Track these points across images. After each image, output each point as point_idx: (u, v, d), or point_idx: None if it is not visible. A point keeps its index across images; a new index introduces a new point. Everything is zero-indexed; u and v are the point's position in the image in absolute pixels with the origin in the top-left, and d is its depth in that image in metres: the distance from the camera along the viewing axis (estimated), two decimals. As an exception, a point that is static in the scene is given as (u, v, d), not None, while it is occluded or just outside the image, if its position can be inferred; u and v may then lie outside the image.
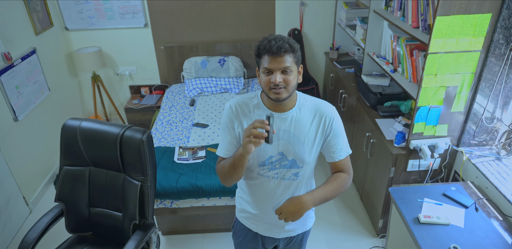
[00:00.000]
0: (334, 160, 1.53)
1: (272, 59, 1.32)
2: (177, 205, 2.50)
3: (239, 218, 1.71)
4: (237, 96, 1.54)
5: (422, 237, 1.78)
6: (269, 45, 1.31)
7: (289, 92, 1.37)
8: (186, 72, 3.82)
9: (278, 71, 1.33)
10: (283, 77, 1.34)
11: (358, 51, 3.67)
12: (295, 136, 1.45)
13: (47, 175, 3.33)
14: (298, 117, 1.45)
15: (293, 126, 1.44)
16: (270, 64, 1.32)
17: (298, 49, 1.36)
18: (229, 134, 1.49)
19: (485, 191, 2.11)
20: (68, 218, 2.04)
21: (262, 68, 1.36)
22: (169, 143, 2.91)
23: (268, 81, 1.35)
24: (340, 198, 3.08)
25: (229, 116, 1.48)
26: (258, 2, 3.72)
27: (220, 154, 1.51)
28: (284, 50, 1.31)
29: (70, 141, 1.94)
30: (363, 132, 2.80)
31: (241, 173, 1.42)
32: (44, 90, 3.31)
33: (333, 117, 1.47)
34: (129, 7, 3.68)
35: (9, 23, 2.93)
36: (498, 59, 1.97)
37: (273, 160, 1.47)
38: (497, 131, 2.23)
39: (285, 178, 1.51)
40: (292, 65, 1.34)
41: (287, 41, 1.33)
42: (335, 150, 1.51)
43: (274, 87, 1.34)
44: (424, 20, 2.17)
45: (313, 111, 1.47)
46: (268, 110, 1.45)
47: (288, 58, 1.33)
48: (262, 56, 1.35)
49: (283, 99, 1.37)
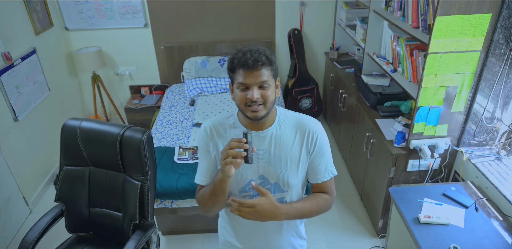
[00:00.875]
0: (316, 182, 1.38)
1: (248, 73, 1.20)
2: (177, 205, 2.50)
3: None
4: (212, 117, 1.41)
5: (422, 237, 1.78)
6: (244, 58, 1.19)
7: (267, 109, 1.24)
8: (186, 72, 3.82)
9: (254, 86, 1.21)
10: (261, 93, 1.21)
11: (358, 51, 3.67)
12: (276, 156, 1.31)
13: (47, 175, 3.33)
14: (279, 134, 1.32)
15: (273, 145, 1.31)
16: (246, 79, 1.20)
17: (275, 61, 1.26)
18: (206, 159, 1.37)
19: (485, 191, 2.11)
20: (68, 218, 2.04)
21: (236, 83, 1.23)
22: (169, 143, 2.91)
23: (243, 98, 1.22)
24: (340, 198, 3.08)
25: (204, 139, 1.36)
26: (258, 2, 3.72)
27: (198, 181, 1.39)
28: (261, 63, 1.19)
29: (70, 141, 1.94)
30: (363, 132, 2.80)
31: (224, 200, 1.30)
32: (44, 90, 3.31)
33: (318, 132, 1.34)
34: (129, 7, 3.68)
35: (9, 23, 2.93)
36: (498, 59, 1.97)
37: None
38: (497, 131, 2.23)
39: None
40: (269, 79, 1.22)
41: (263, 53, 1.21)
42: (319, 170, 1.36)
43: (251, 104, 1.22)
44: (424, 20, 2.17)
45: (295, 126, 1.34)
46: (245, 128, 1.32)
47: (265, 71, 1.21)
48: (237, 70, 1.22)
49: (261, 117, 1.24)
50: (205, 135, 1.37)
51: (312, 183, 1.41)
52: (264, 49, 1.24)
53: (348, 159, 3.36)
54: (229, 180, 1.23)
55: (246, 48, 1.23)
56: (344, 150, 3.49)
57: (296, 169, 1.34)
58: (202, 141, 1.37)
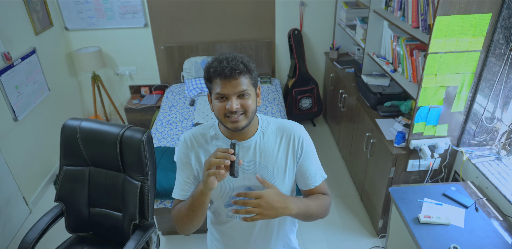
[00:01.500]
0: (309, 188, 1.32)
1: (225, 82, 1.13)
2: (177, 205, 2.50)
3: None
4: (190, 130, 1.35)
5: (422, 237, 1.78)
6: (221, 67, 1.13)
7: (248, 119, 1.19)
8: (186, 72, 3.82)
9: (233, 96, 1.14)
10: (241, 102, 1.16)
11: (358, 51, 3.67)
12: (262, 166, 1.26)
13: (47, 175, 3.33)
14: (262, 143, 1.26)
15: (258, 154, 1.26)
16: (224, 89, 1.14)
17: (254, 69, 1.19)
18: (185, 171, 1.29)
19: (485, 191, 2.11)
20: (68, 218, 2.04)
21: (214, 93, 1.17)
22: (169, 143, 2.91)
23: (222, 108, 1.16)
24: (340, 198, 3.08)
25: (183, 150, 1.30)
26: (258, 2, 3.71)
27: (176, 196, 1.30)
28: (238, 72, 1.13)
29: (70, 141, 1.94)
30: (363, 132, 2.80)
31: (202, 217, 1.21)
32: (44, 90, 3.31)
33: (302, 136, 1.29)
34: (129, 7, 3.68)
35: (9, 23, 2.93)
36: (498, 59, 1.97)
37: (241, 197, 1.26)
38: (497, 131, 2.23)
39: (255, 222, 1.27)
40: (249, 87, 1.16)
41: (241, 61, 1.15)
42: (309, 175, 1.31)
43: (230, 114, 1.16)
44: (424, 20, 2.17)
45: (279, 133, 1.29)
46: (228, 140, 1.25)
47: (243, 80, 1.14)
48: (214, 80, 1.16)
49: (242, 127, 1.18)
50: (185, 147, 1.30)
51: (304, 190, 1.35)
52: (242, 56, 1.18)
53: (348, 159, 3.36)
54: (210, 193, 1.15)
55: (222, 55, 1.17)
56: (344, 150, 3.49)
57: (283, 178, 1.29)
58: (181, 152, 1.30)
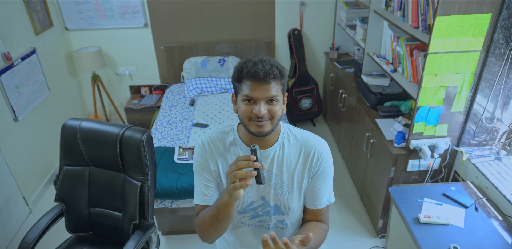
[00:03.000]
0: (313, 208, 1.29)
1: (257, 86, 1.09)
2: (177, 205, 2.50)
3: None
4: (209, 131, 1.32)
5: (422, 237, 1.78)
6: (255, 69, 1.08)
7: (273, 125, 1.14)
8: (186, 72, 3.82)
9: (262, 101, 1.10)
10: (268, 108, 1.11)
11: (358, 51, 3.67)
12: (278, 178, 1.22)
13: (47, 175, 3.33)
14: (282, 154, 1.22)
15: (276, 165, 1.22)
16: (254, 92, 1.09)
17: (286, 75, 1.16)
18: (204, 175, 1.25)
19: (485, 191, 2.11)
20: (68, 218, 2.04)
21: (242, 95, 1.12)
22: (169, 143, 2.91)
23: (249, 112, 1.11)
24: (340, 198, 3.08)
25: (202, 154, 1.25)
26: (258, 2, 3.72)
27: (198, 202, 1.26)
28: (272, 76, 1.09)
29: (70, 141, 1.94)
30: (363, 132, 2.80)
31: (227, 225, 1.17)
32: (44, 90, 3.31)
33: (324, 154, 1.24)
34: (129, 7, 3.68)
35: (9, 23, 2.93)
36: (498, 59, 1.97)
37: (255, 206, 1.25)
38: (497, 131, 2.23)
39: (270, 227, 1.30)
40: (278, 93, 1.12)
41: (276, 66, 1.11)
42: (318, 195, 1.27)
43: (257, 119, 1.11)
44: (424, 20, 2.17)
45: (300, 146, 1.24)
46: (247, 147, 1.21)
47: (275, 85, 1.10)
48: (244, 81, 1.11)
49: (266, 133, 1.14)
50: (203, 151, 1.25)
51: (307, 208, 1.32)
52: (275, 61, 1.14)
53: (348, 159, 3.36)
54: (235, 203, 1.10)
55: (257, 57, 1.12)
56: (344, 150, 3.49)
57: (299, 193, 1.26)
58: (200, 156, 1.26)
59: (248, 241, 1.35)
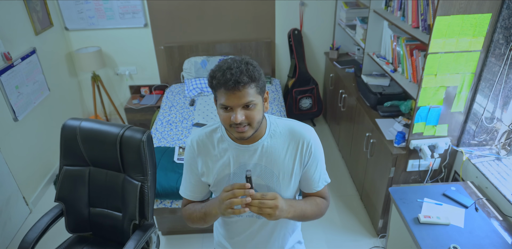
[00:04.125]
0: (311, 191, 1.33)
1: (229, 94, 1.09)
2: (177, 205, 2.50)
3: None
4: (197, 130, 1.34)
5: (422, 237, 1.78)
6: (224, 79, 1.07)
7: (254, 129, 1.17)
8: (186, 72, 3.82)
9: (238, 108, 1.11)
10: (246, 114, 1.12)
11: (358, 51, 3.67)
12: (267, 170, 1.25)
13: (47, 175, 3.33)
14: (270, 147, 1.24)
15: (265, 158, 1.24)
16: (228, 100, 1.10)
17: (261, 75, 1.14)
18: (192, 175, 1.33)
19: (485, 191, 2.11)
20: (68, 218, 2.04)
21: (219, 103, 1.14)
22: (169, 143, 2.91)
23: (228, 119, 1.13)
24: (340, 198, 3.08)
25: (191, 155, 1.31)
26: (258, 2, 3.72)
27: (185, 196, 1.36)
28: (242, 84, 1.08)
29: (70, 141, 1.94)
30: (363, 132, 2.80)
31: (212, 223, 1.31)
32: (44, 90, 3.31)
33: (312, 141, 1.26)
34: (129, 7, 3.68)
35: (9, 23, 2.93)
36: (498, 59, 1.97)
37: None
38: (497, 131, 2.23)
39: (260, 217, 1.33)
40: (254, 97, 1.12)
41: (245, 71, 1.08)
42: (313, 180, 1.31)
43: (236, 126, 1.14)
44: (424, 20, 2.17)
45: (288, 136, 1.26)
46: (234, 143, 1.25)
47: (248, 91, 1.09)
48: (217, 90, 1.12)
49: (247, 137, 1.17)
50: (192, 151, 1.30)
51: (304, 192, 1.36)
52: (247, 64, 1.10)
53: (348, 159, 3.36)
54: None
55: (226, 64, 1.10)
56: (344, 150, 3.49)
57: (288, 183, 1.28)
58: (190, 157, 1.31)
59: (239, 231, 1.40)
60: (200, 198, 1.38)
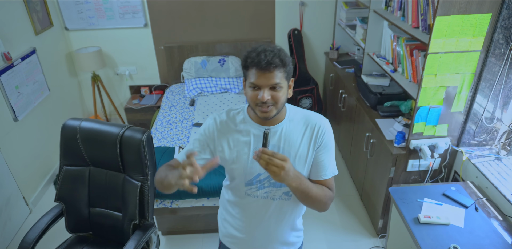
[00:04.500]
0: (318, 179, 1.37)
1: (260, 74, 1.20)
2: (177, 205, 2.50)
3: (224, 242, 1.59)
4: (221, 111, 1.42)
5: (422, 237, 1.78)
6: (258, 59, 1.18)
7: (277, 109, 1.26)
8: (186, 72, 3.82)
9: (266, 88, 1.21)
10: (272, 94, 1.22)
11: (358, 51, 3.67)
12: (285, 152, 1.32)
13: (47, 175, 3.33)
14: (288, 130, 1.33)
15: (283, 140, 1.32)
16: (258, 80, 1.20)
17: (290, 62, 1.25)
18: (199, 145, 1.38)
19: (485, 191, 2.11)
20: (68, 218, 2.04)
21: (248, 82, 1.24)
22: (169, 143, 2.91)
23: (254, 97, 1.23)
24: (340, 198, 3.08)
25: (211, 129, 1.37)
26: (258, 2, 3.71)
27: (179, 158, 1.40)
28: (274, 66, 1.18)
29: (70, 141, 1.94)
30: (363, 132, 2.80)
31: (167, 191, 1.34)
32: (44, 90, 3.31)
33: (326, 129, 1.35)
34: (129, 7, 3.68)
35: (9, 23, 2.93)
36: (498, 59, 1.97)
37: (261, 178, 1.35)
38: (497, 131, 2.23)
39: (275, 198, 1.38)
40: (282, 81, 1.22)
41: (278, 55, 1.20)
42: (322, 166, 1.36)
43: (261, 104, 1.23)
44: (424, 20, 2.17)
45: (304, 123, 1.35)
46: (256, 124, 1.33)
47: (278, 73, 1.20)
48: (250, 69, 1.22)
49: (271, 117, 1.27)
50: (213, 127, 1.37)
51: (312, 180, 1.39)
52: (279, 50, 1.23)
53: (348, 159, 3.36)
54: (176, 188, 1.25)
55: (262, 47, 1.21)
56: (344, 150, 3.49)
57: (303, 165, 1.35)
58: (209, 131, 1.37)
59: (253, 212, 1.43)
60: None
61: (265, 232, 1.47)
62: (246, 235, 1.50)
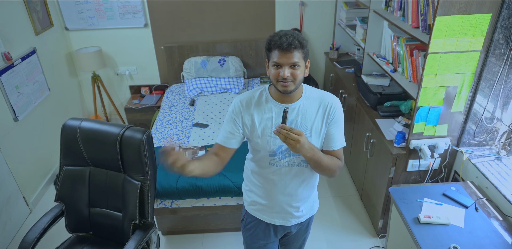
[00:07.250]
0: (329, 149, 1.57)
1: (282, 54, 1.39)
2: (177, 205, 2.50)
3: (249, 211, 1.75)
4: (243, 93, 1.60)
5: (422, 237, 1.78)
6: (280, 41, 1.38)
7: (296, 85, 1.44)
8: (186, 72, 3.82)
9: (286, 66, 1.40)
10: (291, 72, 1.41)
11: (358, 51, 3.67)
12: (302, 125, 1.52)
13: (47, 175, 3.33)
14: (305, 107, 1.53)
15: (300, 116, 1.52)
16: (280, 59, 1.40)
17: (307, 45, 1.44)
18: (231, 125, 1.56)
19: (485, 191, 2.11)
20: (68, 218, 2.04)
21: (271, 61, 1.43)
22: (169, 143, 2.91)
23: (276, 75, 1.43)
24: (340, 198, 3.08)
25: (237, 110, 1.55)
26: (258, 2, 3.72)
27: (218, 141, 1.59)
28: (293, 47, 1.38)
29: (70, 141, 1.94)
30: (363, 132, 2.80)
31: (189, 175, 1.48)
32: (44, 90, 3.31)
33: (336, 106, 1.54)
34: (129, 7, 3.68)
35: (9, 23, 2.93)
36: (498, 59, 1.97)
37: (283, 149, 1.53)
38: (497, 131, 2.23)
39: (295, 165, 1.57)
40: (300, 60, 1.41)
41: (297, 38, 1.40)
42: (333, 138, 1.56)
43: (282, 80, 1.42)
44: (424, 20, 2.17)
45: (319, 101, 1.54)
46: (277, 102, 1.52)
47: (296, 54, 1.40)
48: (273, 50, 1.42)
49: (290, 91, 1.45)
50: (239, 107, 1.55)
51: (323, 150, 1.58)
52: (298, 34, 1.41)
53: (348, 159, 3.36)
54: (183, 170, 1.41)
55: (283, 32, 1.41)
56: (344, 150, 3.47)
57: (318, 136, 1.54)
58: (236, 112, 1.55)
59: (276, 180, 1.61)
60: (230, 144, 1.57)
61: (286, 197, 1.64)
62: (270, 201, 1.66)
